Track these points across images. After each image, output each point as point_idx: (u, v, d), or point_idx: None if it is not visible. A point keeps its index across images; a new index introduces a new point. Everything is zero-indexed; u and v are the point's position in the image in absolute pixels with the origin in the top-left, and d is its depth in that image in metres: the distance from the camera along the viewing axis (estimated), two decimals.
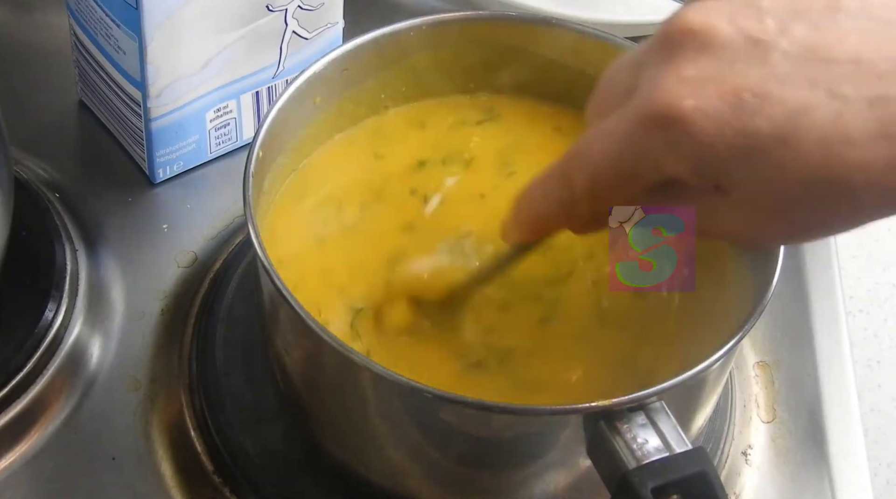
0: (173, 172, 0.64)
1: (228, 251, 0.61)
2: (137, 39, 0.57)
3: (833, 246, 0.66)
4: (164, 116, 0.61)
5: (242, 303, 0.58)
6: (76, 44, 0.64)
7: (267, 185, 0.51)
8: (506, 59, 0.57)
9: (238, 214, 0.63)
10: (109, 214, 0.63)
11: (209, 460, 0.54)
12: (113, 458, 0.54)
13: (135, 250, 0.61)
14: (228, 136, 0.65)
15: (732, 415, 0.58)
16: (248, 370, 0.56)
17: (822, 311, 0.62)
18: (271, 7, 0.59)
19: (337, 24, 0.63)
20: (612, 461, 0.42)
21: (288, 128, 0.52)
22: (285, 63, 0.63)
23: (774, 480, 0.57)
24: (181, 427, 0.55)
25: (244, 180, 0.47)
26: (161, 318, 0.59)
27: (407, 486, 0.50)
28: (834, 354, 0.61)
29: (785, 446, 0.58)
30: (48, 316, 0.56)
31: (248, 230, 0.46)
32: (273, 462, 0.54)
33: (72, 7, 0.62)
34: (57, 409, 0.55)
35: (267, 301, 0.48)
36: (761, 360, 0.60)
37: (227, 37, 0.59)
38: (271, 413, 0.54)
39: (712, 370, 0.45)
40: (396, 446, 0.48)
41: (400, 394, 0.45)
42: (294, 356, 0.49)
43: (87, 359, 0.57)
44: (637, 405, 0.42)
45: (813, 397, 0.59)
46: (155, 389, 0.56)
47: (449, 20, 0.55)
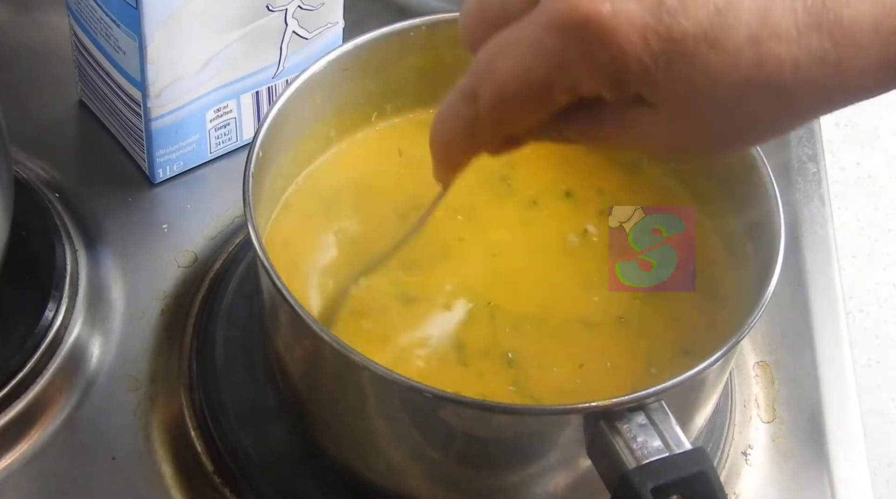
0: (173, 172, 0.64)
1: (228, 251, 0.61)
2: (137, 39, 0.57)
3: (833, 246, 0.66)
4: (164, 116, 0.61)
5: (242, 303, 0.58)
6: (76, 44, 0.64)
7: (267, 185, 0.51)
8: None
9: (238, 214, 0.63)
10: (109, 214, 0.63)
11: (209, 460, 0.54)
12: (113, 458, 0.54)
13: (135, 250, 0.61)
14: (228, 136, 0.65)
15: (732, 415, 0.58)
16: (248, 370, 0.56)
17: (822, 311, 0.62)
18: (271, 7, 0.59)
19: (337, 24, 0.63)
20: (612, 461, 0.42)
21: (288, 128, 0.52)
22: (285, 63, 0.63)
23: (774, 480, 0.57)
24: (181, 427, 0.55)
25: (244, 180, 0.47)
26: (161, 318, 0.59)
27: (407, 486, 0.50)
28: (834, 355, 0.61)
29: (785, 446, 0.58)
30: (48, 316, 0.56)
31: (248, 230, 0.46)
32: (273, 462, 0.54)
33: (72, 7, 0.62)
34: (57, 409, 0.55)
35: (267, 301, 0.48)
36: (761, 360, 0.60)
37: (227, 37, 0.59)
38: (271, 413, 0.54)
39: (712, 370, 0.45)
40: (396, 446, 0.48)
41: (400, 394, 0.45)
42: (294, 356, 0.49)
43: (87, 359, 0.57)
44: (637, 405, 0.42)
45: (813, 397, 0.59)
46: (155, 389, 0.56)
47: (449, 20, 0.55)
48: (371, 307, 0.50)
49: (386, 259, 0.49)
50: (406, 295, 0.51)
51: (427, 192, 0.55)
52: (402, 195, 0.55)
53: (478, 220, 0.53)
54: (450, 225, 0.53)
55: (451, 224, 0.53)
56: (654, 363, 0.50)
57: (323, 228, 0.53)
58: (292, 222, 0.53)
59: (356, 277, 0.50)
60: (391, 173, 0.56)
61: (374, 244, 0.52)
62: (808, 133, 0.71)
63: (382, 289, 0.50)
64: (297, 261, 0.52)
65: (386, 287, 0.50)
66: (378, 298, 0.50)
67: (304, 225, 0.53)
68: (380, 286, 0.50)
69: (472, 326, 0.50)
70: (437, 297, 0.50)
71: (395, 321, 0.50)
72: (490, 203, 0.54)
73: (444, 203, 0.45)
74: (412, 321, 0.50)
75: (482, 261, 0.52)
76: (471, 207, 0.53)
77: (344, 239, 0.53)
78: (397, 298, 0.51)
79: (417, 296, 0.51)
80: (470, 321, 0.50)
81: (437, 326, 0.50)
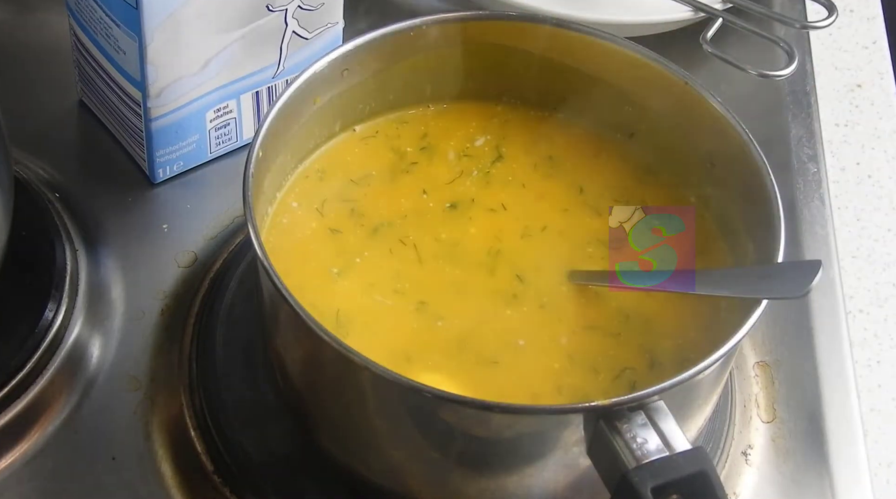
0: (173, 172, 0.64)
1: (228, 251, 0.61)
2: (137, 39, 0.57)
3: (833, 246, 0.66)
4: (164, 116, 0.61)
5: (242, 303, 0.58)
6: (76, 44, 0.64)
7: (267, 185, 0.51)
8: (506, 59, 0.57)
9: (238, 214, 0.63)
10: (109, 214, 0.62)
11: (209, 460, 0.54)
12: (113, 458, 0.54)
13: (135, 250, 0.61)
14: (228, 136, 0.65)
15: (732, 415, 0.58)
16: (248, 370, 0.56)
17: (822, 311, 0.62)
18: (271, 7, 0.59)
19: (337, 24, 0.63)
20: (611, 461, 0.42)
21: (288, 128, 0.52)
22: (285, 63, 0.63)
23: (774, 480, 0.57)
24: (181, 427, 0.55)
25: (244, 180, 0.47)
26: (161, 318, 0.59)
27: (407, 486, 0.50)
28: (834, 354, 0.61)
29: (785, 446, 0.58)
30: (48, 316, 0.56)
31: (248, 230, 0.46)
32: (273, 462, 0.54)
33: (72, 7, 0.62)
34: (57, 409, 0.55)
35: (267, 301, 0.48)
36: (761, 360, 0.60)
37: (227, 37, 0.59)
38: (271, 413, 0.54)
39: (712, 370, 0.45)
40: (396, 446, 0.48)
41: (400, 394, 0.45)
42: (294, 356, 0.49)
43: (87, 359, 0.57)
44: (637, 405, 0.42)
45: (813, 397, 0.59)
46: (155, 389, 0.56)
47: (449, 20, 0.55)
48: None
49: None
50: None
51: (426, 191, 0.55)
52: (403, 195, 0.55)
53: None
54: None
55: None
56: (655, 363, 0.50)
57: (323, 227, 0.53)
58: (292, 222, 0.53)
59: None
60: (391, 173, 0.56)
61: (374, 243, 0.52)
62: (808, 133, 0.71)
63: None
64: (297, 261, 0.52)
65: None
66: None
67: (304, 225, 0.53)
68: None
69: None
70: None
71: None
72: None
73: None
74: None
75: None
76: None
77: (344, 239, 0.53)
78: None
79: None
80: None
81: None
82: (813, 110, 0.72)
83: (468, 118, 0.58)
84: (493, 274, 0.52)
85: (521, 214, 0.55)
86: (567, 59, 0.56)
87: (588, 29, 0.55)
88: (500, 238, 0.53)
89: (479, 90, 0.58)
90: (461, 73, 0.57)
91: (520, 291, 0.52)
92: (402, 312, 0.51)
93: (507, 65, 0.57)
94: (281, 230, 0.53)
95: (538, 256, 0.53)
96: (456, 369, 0.49)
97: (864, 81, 0.76)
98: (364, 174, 0.56)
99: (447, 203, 0.55)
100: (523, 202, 0.55)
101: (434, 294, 0.51)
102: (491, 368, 0.49)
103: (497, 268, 0.52)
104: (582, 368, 0.49)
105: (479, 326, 0.50)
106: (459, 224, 0.54)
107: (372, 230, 0.53)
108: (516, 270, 0.52)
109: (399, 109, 0.57)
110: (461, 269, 0.52)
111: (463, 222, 0.54)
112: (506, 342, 0.50)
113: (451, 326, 0.50)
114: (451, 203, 0.55)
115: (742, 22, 0.69)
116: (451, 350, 0.49)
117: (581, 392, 0.48)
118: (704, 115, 0.53)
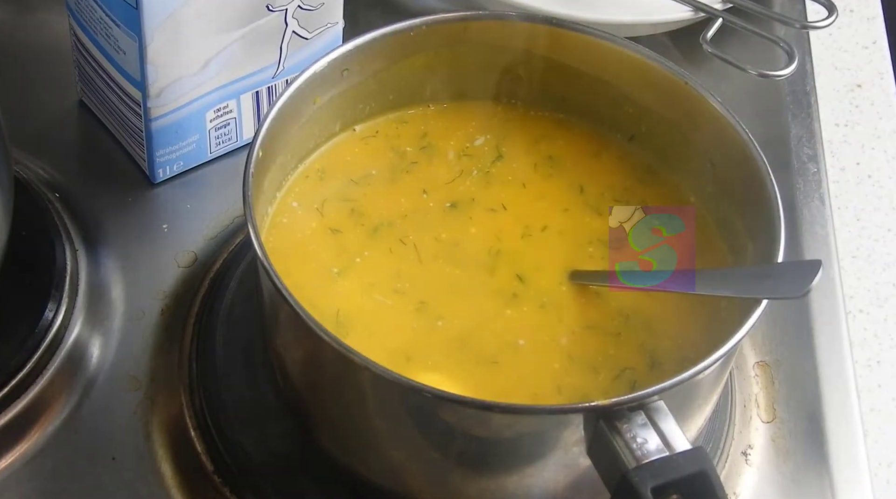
0: (173, 172, 0.64)
1: (228, 251, 0.61)
2: (137, 39, 0.57)
3: (833, 246, 0.66)
4: (164, 116, 0.61)
5: (242, 303, 0.58)
6: (76, 44, 0.64)
7: (267, 185, 0.51)
8: (506, 59, 0.57)
9: (238, 214, 0.63)
10: (109, 214, 0.62)
11: (209, 460, 0.54)
12: (113, 458, 0.54)
13: (135, 250, 0.61)
14: (228, 136, 0.65)
15: (732, 415, 0.58)
16: (248, 370, 0.56)
17: (822, 311, 0.62)
18: (271, 7, 0.59)
19: (337, 24, 0.63)
20: (611, 461, 0.42)
21: (288, 128, 0.52)
22: (285, 63, 0.63)
23: (774, 480, 0.57)
24: (181, 427, 0.55)
25: (244, 180, 0.47)
26: (161, 318, 0.59)
27: (407, 486, 0.50)
28: (834, 354, 0.61)
29: (785, 446, 0.58)
30: (48, 316, 0.56)
31: (248, 230, 0.46)
32: (273, 462, 0.54)
33: (72, 7, 0.62)
34: (57, 409, 0.55)
35: (267, 301, 0.48)
36: (761, 360, 0.60)
37: (227, 37, 0.59)
38: (271, 413, 0.54)
39: (712, 370, 0.45)
40: (396, 446, 0.48)
41: (400, 394, 0.45)
42: (294, 356, 0.49)
43: (87, 359, 0.57)
44: (637, 405, 0.42)
45: (813, 397, 0.59)
46: (155, 389, 0.56)
47: (449, 20, 0.55)
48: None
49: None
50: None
51: (426, 191, 0.55)
52: (403, 195, 0.55)
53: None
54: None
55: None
56: (655, 363, 0.50)
57: (323, 227, 0.53)
58: (292, 222, 0.53)
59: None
60: (391, 173, 0.56)
61: (375, 243, 0.52)
62: (808, 133, 0.71)
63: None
64: (297, 261, 0.52)
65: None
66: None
67: (304, 225, 0.53)
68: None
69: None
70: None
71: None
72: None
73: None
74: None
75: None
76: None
77: (344, 238, 0.53)
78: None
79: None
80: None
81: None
82: (813, 110, 0.72)
83: (468, 118, 0.58)
84: (494, 274, 0.52)
85: (522, 213, 0.55)
86: (567, 59, 0.56)
87: (588, 29, 0.55)
88: (500, 238, 0.54)
89: (479, 90, 0.58)
90: (461, 73, 0.57)
91: (520, 290, 0.52)
92: (402, 312, 0.51)
93: (508, 65, 0.57)
94: (281, 230, 0.53)
95: (538, 255, 0.53)
96: (456, 369, 0.49)
97: (864, 81, 0.76)
98: (364, 174, 0.56)
99: (447, 203, 0.55)
100: (523, 202, 0.55)
101: (434, 294, 0.51)
102: (491, 368, 0.49)
103: (497, 268, 0.52)
104: (582, 368, 0.49)
105: (479, 326, 0.50)
106: (459, 224, 0.54)
107: (372, 230, 0.53)
108: (516, 270, 0.52)
109: (399, 109, 0.57)
110: (461, 269, 0.52)
111: (463, 222, 0.54)
112: (506, 342, 0.50)
113: (452, 326, 0.50)
114: (452, 203, 0.55)
115: (742, 22, 0.69)
116: (451, 350, 0.49)
117: (581, 392, 0.48)
118: (704, 115, 0.53)
